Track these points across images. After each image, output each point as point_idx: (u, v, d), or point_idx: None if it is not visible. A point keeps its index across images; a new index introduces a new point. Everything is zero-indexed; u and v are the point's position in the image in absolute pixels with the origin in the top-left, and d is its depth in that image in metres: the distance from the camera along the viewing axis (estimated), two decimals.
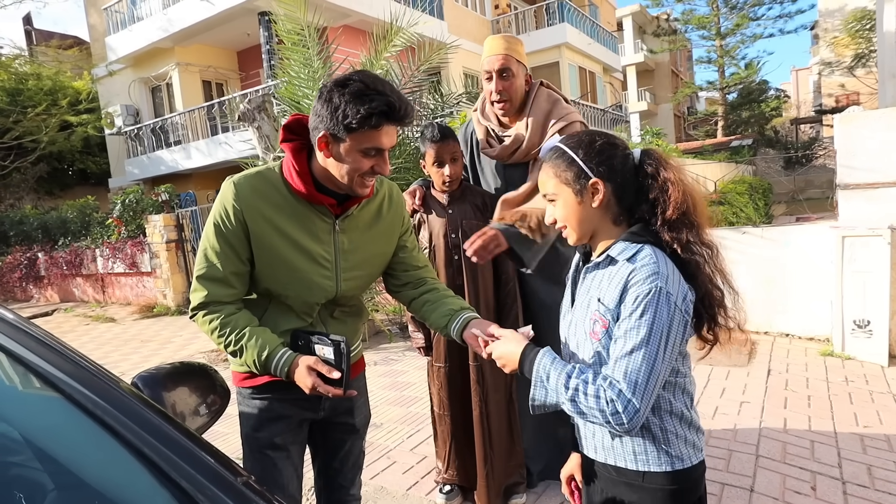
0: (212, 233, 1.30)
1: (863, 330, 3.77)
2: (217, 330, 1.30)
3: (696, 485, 1.16)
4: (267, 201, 1.30)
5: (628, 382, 1.01)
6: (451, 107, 6.11)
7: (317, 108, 1.24)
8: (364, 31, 7.49)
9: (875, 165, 3.75)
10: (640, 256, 1.08)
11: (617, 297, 1.07)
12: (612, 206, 1.14)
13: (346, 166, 1.25)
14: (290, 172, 1.30)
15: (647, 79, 32.36)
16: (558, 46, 16.24)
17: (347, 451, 1.59)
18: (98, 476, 0.80)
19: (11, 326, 0.92)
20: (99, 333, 7.60)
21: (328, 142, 1.24)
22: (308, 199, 1.31)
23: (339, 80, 1.23)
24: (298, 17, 4.99)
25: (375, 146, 1.23)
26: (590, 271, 1.18)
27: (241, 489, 0.77)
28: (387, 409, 3.61)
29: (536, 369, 1.11)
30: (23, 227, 11.61)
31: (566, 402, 1.06)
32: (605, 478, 1.20)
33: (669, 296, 1.03)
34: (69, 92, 13.91)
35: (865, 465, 2.48)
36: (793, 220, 10.44)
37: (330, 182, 1.30)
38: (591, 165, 1.12)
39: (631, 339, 1.02)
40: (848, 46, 22.01)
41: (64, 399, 0.81)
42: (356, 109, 1.17)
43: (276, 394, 1.41)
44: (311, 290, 1.36)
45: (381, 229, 1.46)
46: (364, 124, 1.19)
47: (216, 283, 1.30)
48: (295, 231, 1.32)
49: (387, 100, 1.19)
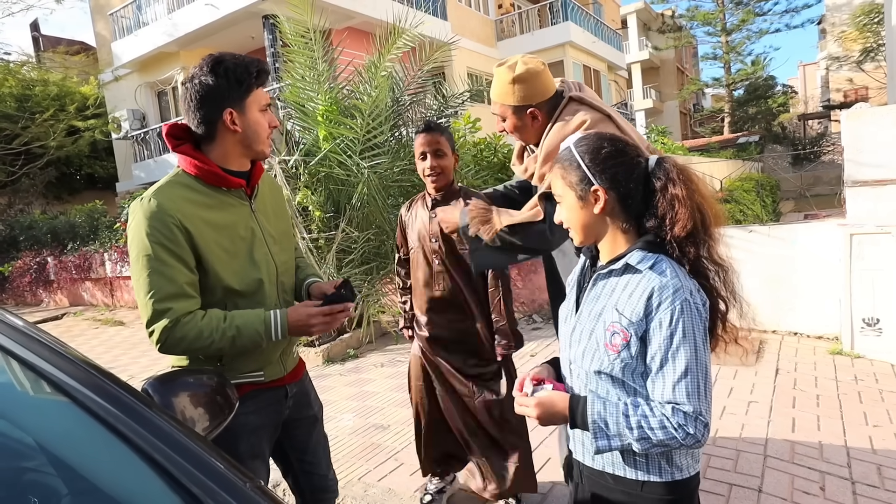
0: (151, 253, 1.29)
1: (872, 328, 3.74)
2: (200, 335, 1.31)
3: (691, 495, 1.16)
4: (192, 203, 1.36)
5: (694, 402, 1.02)
6: (454, 107, 6.11)
7: (196, 101, 1.36)
8: (368, 32, 7.50)
9: (883, 162, 3.72)
10: (661, 269, 1.07)
11: (641, 310, 1.06)
12: (617, 213, 1.13)
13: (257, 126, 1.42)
14: (197, 169, 1.38)
15: (652, 76, 32.22)
16: (562, 45, 16.20)
17: (316, 442, 1.69)
18: (110, 481, 0.81)
19: (23, 334, 0.93)
20: (108, 337, 7.66)
21: (232, 115, 1.37)
22: (225, 183, 1.40)
23: (203, 67, 1.37)
24: (304, 20, 5.01)
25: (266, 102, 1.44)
26: (601, 278, 1.16)
27: (251, 494, 0.78)
28: (394, 410, 3.61)
29: (592, 420, 1.07)
30: (32, 232, 11.73)
31: (633, 443, 1.05)
32: (599, 484, 1.19)
33: (697, 305, 1.06)
34: (76, 97, 14.06)
35: (875, 464, 2.46)
36: (801, 217, 10.38)
37: (233, 162, 1.43)
38: (594, 172, 1.11)
39: (680, 360, 1.03)
40: (856, 40, 21.84)
41: (75, 405, 0.82)
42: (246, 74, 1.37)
43: (250, 404, 1.45)
44: (259, 269, 1.44)
45: (279, 210, 1.63)
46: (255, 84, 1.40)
47: (176, 298, 1.30)
48: (226, 220, 1.41)
49: (257, 61, 1.40)
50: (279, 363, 1.55)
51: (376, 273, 5.24)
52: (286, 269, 1.57)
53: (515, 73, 1.75)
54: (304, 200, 5.07)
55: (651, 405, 1.05)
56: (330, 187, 5.15)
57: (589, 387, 1.16)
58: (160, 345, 1.31)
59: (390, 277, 5.30)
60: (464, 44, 13.93)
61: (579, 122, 1.70)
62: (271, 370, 1.52)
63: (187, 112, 1.38)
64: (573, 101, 1.78)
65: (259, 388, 1.48)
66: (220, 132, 1.38)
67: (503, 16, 17.18)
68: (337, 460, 2.99)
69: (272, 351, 1.51)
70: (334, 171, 4.96)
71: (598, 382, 1.13)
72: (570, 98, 1.78)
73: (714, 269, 1.11)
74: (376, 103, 5.01)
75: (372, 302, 5.10)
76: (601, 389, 1.13)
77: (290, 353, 1.61)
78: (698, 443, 1.03)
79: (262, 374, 1.49)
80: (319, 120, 5.01)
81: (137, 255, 1.31)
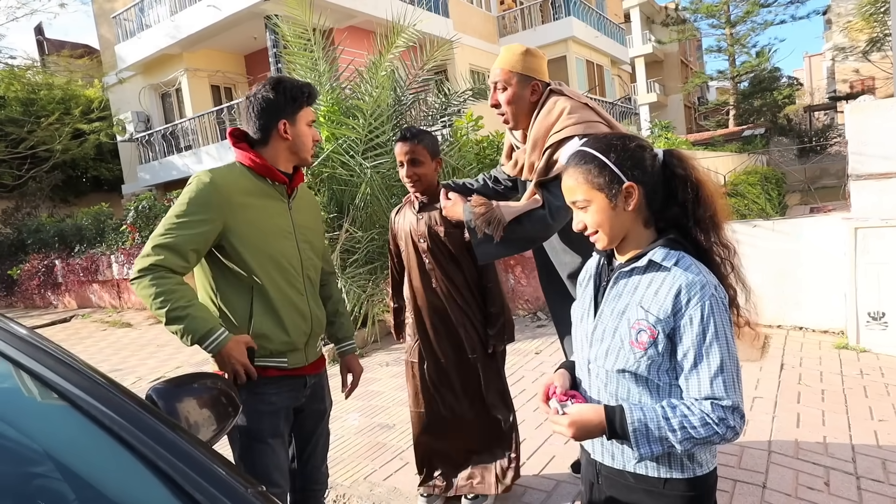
0: (185, 209, 1.49)
1: (878, 322, 3.73)
2: (164, 294, 1.44)
3: (712, 490, 1.17)
4: (239, 187, 1.58)
5: (732, 395, 1.05)
6: (457, 105, 6.10)
7: (257, 111, 1.62)
8: (370, 31, 7.50)
9: (888, 154, 3.69)
10: (686, 265, 1.08)
11: (669, 307, 1.06)
12: (643, 208, 1.13)
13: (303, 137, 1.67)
14: (252, 161, 1.62)
15: (656, 70, 32.03)
16: (565, 41, 16.12)
17: (319, 435, 1.84)
18: (113, 487, 0.83)
19: (24, 342, 0.95)
20: (116, 339, 7.73)
21: (285, 125, 1.62)
22: (272, 177, 1.63)
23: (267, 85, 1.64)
24: (303, 21, 5.02)
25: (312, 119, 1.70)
26: (623, 276, 1.15)
27: (252, 500, 0.79)
28: (399, 409, 3.63)
29: (634, 428, 1.05)
30: (40, 235, 11.82)
31: (677, 445, 1.04)
32: (619, 484, 1.18)
33: (722, 300, 1.07)
34: (81, 100, 14.14)
35: (880, 459, 2.46)
36: (807, 210, 10.32)
37: (280, 164, 1.66)
38: (624, 169, 1.10)
39: (714, 356, 1.05)
40: (862, 31, 21.61)
41: (76, 411, 0.84)
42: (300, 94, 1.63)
43: (272, 387, 1.61)
44: (285, 255, 1.63)
45: (313, 212, 1.85)
46: (306, 103, 1.66)
47: (174, 252, 1.47)
48: (264, 206, 1.62)
49: (309, 85, 1.67)
50: (302, 352, 1.69)
51: (380, 272, 5.26)
52: (312, 265, 1.76)
53: (528, 48, 1.97)
54: None
55: (688, 404, 1.05)
56: (333, 188, 5.17)
57: (609, 387, 1.15)
58: (135, 279, 1.48)
59: None
60: (466, 41, 13.89)
61: (560, 109, 1.86)
62: (294, 357, 1.66)
63: (248, 120, 1.64)
64: (553, 94, 1.94)
65: (282, 374, 1.64)
66: (273, 138, 1.64)
67: (505, 12, 17.12)
68: (343, 459, 3.01)
69: (298, 338, 1.65)
70: (337, 171, 4.98)
71: (619, 381, 1.13)
72: (549, 90, 1.95)
73: (724, 254, 1.14)
74: (378, 103, 5.02)
75: (377, 301, 5.12)
76: (622, 389, 1.13)
77: (313, 345, 1.75)
78: (737, 435, 1.05)
79: (286, 360, 1.64)
80: (322, 121, 5.03)
81: (178, 203, 1.53)
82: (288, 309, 1.62)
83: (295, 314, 1.64)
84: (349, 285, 4.87)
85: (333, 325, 1.95)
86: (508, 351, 2.47)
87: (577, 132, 1.79)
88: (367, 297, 4.91)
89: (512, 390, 2.50)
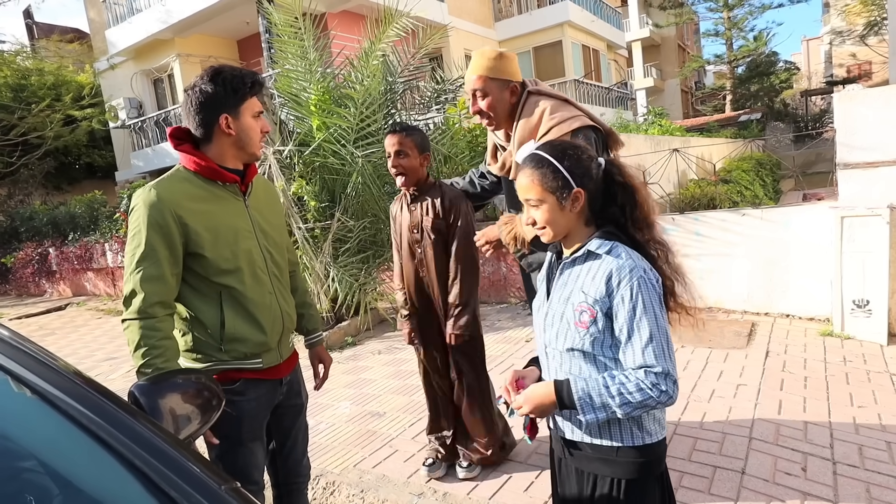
0: (145, 237, 1.45)
1: (862, 309, 3.78)
2: (147, 347, 1.42)
3: (661, 458, 1.30)
4: (188, 195, 1.52)
5: (661, 362, 1.16)
6: (450, 92, 6.07)
7: (196, 107, 1.53)
8: (363, 15, 7.43)
9: (874, 144, 3.71)
10: (617, 253, 1.21)
11: (603, 289, 1.20)
12: (585, 210, 1.28)
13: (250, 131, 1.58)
14: (196, 165, 1.54)
15: (653, 54, 31.77)
16: (560, 25, 15.97)
17: (297, 430, 1.84)
18: (87, 483, 0.86)
19: (7, 344, 0.98)
20: (111, 327, 7.75)
21: (227, 120, 1.53)
22: (220, 178, 1.56)
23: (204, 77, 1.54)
24: (293, 7, 4.96)
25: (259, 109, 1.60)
26: (567, 267, 1.30)
27: (226, 496, 0.82)
28: (390, 397, 3.68)
29: (578, 396, 1.20)
30: (33, 223, 11.77)
31: (617, 409, 1.17)
32: (580, 455, 1.32)
33: (651, 281, 1.20)
34: (72, 86, 13.96)
35: (857, 445, 2.52)
36: (800, 196, 10.34)
37: (227, 162, 1.58)
38: (574, 176, 1.24)
39: (644, 328, 1.17)
40: (860, 14, 21.49)
41: (53, 409, 0.87)
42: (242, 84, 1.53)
43: (251, 393, 1.61)
44: (249, 256, 1.59)
45: (273, 205, 1.79)
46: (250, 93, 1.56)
47: (156, 281, 1.45)
48: (220, 211, 1.56)
49: (252, 73, 1.57)
50: (276, 351, 1.68)
51: (373, 261, 5.28)
52: (277, 262, 1.72)
53: (499, 51, 1.97)
54: (300, 190, 5.09)
55: (625, 373, 1.18)
56: (325, 177, 5.16)
57: (563, 366, 1.29)
58: (125, 321, 1.46)
59: (387, 265, 5.34)
60: (461, 25, 13.77)
61: (541, 110, 1.91)
62: (269, 357, 1.65)
63: (188, 116, 1.55)
64: (532, 95, 1.97)
65: (258, 377, 1.63)
66: (216, 135, 1.55)
67: None
68: (333, 447, 3.06)
69: (271, 337, 1.64)
70: (329, 160, 4.97)
71: (570, 360, 1.27)
72: (528, 92, 1.98)
73: (659, 250, 1.27)
74: (369, 91, 4.99)
75: (369, 290, 5.15)
76: (574, 366, 1.27)
77: (286, 342, 1.74)
78: (671, 399, 1.16)
79: (261, 361, 1.62)
80: (312, 109, 5.00)
81: (133, 235, 1.48)
82: (258, 309, 1.59)
83: (266, 314, 1.61)
84: (341, 274, 4.89)
85: (303, 318, 1.92)
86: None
87: (564, 131, 1.88)
88: (359, 286, 4.94)
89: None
